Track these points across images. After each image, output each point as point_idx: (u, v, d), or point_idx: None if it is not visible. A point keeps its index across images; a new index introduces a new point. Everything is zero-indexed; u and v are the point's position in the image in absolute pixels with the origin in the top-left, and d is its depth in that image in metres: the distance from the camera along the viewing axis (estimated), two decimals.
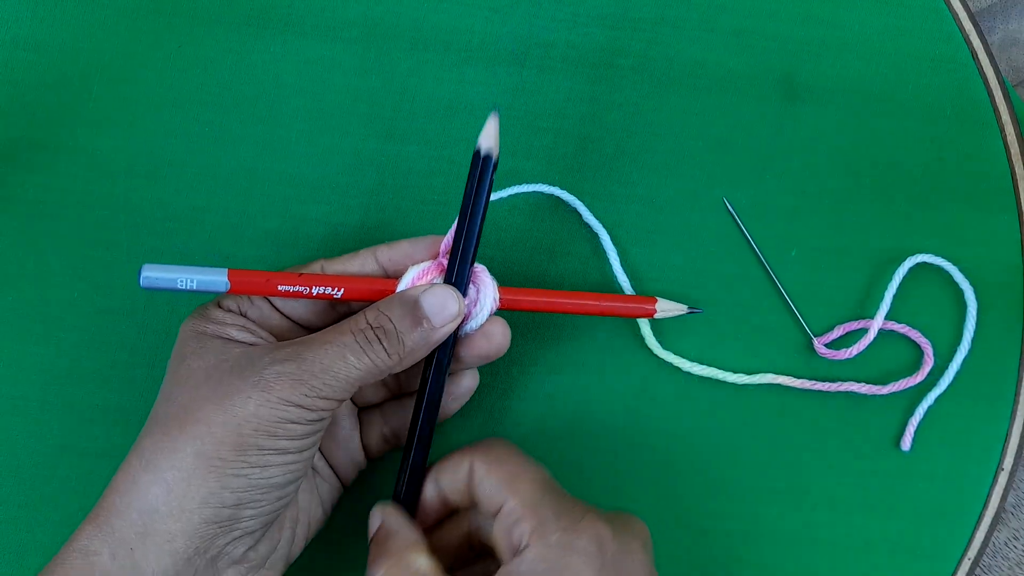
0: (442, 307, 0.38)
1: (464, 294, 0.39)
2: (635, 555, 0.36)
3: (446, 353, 0.40)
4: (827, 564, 0.46)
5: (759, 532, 0.46)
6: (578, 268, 0.47)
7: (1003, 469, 0.46)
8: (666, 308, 0.43)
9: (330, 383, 0.36)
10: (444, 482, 0.39)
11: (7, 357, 0.45)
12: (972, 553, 0.46)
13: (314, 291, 0.39)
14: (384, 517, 0.38)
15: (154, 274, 0.38)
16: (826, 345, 0.46)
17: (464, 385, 0.43)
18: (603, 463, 0.46)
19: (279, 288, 0.39)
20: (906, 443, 0.46)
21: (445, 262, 0.40)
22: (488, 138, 0.39)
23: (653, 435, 0.46)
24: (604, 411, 0.46)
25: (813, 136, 0.48)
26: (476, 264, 0.40)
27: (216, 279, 0.38)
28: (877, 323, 0.46)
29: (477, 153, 0.39)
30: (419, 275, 0.39)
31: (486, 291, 0.40)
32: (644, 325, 0.45)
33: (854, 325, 0.46)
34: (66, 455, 0.45)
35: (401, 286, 0.39)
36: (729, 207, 0.47)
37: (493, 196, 0.41)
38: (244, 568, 0.37)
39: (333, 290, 0.39)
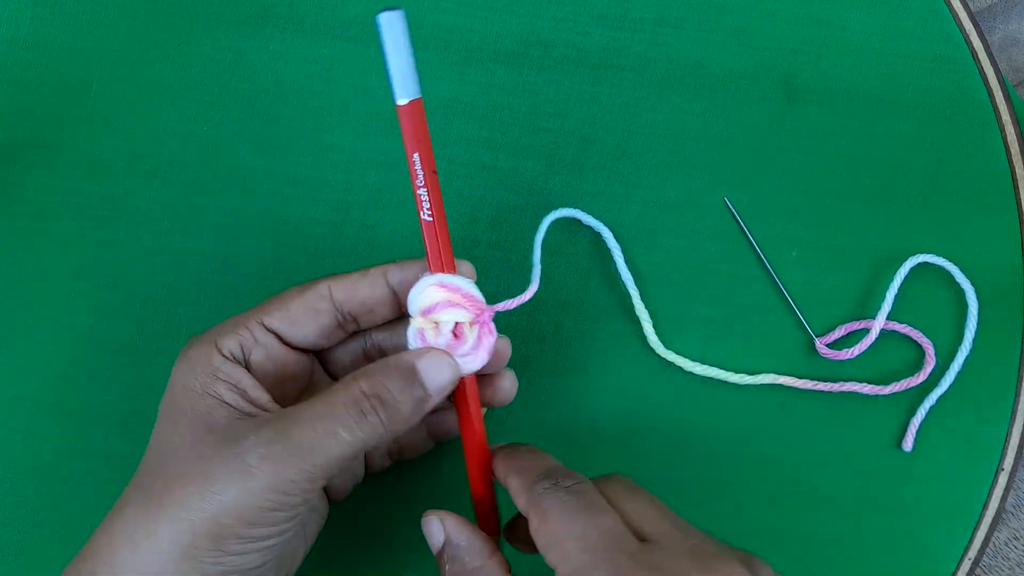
0: (439, 374, 0.36)
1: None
2: None
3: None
4: (828, 564, 0.46)
5: (760, 532, 0.46)
6: (579, 268, 0.46)
7: (1003, 469, 0.46)
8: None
9: (319, 464, 0.33)
10: (510, 491, 0.36)
11: (6, 357, 0.45)
12: (972, 553, 0.46)
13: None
14: (447, 532, 0.36)
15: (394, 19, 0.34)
16: (828, 345, 0.46)
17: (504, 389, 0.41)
18: (605, 463, 0.45)
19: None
20: (908, 443, 0.46)
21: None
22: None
23: (655, 435, 0.46)
24: (606, 411, 0.46)
25: (814, 136, 0.48)
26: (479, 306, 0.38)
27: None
28: (879, 323, 0.46)
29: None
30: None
31: (487, 340, 0.38)
32: (647, 324, 0.45)
33: (855, 325, 0.46)
34: (64, 456, 0.45)
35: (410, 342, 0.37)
36: (730, 207, 0.47)
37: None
38: None
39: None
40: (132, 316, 0.45)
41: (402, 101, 0.35)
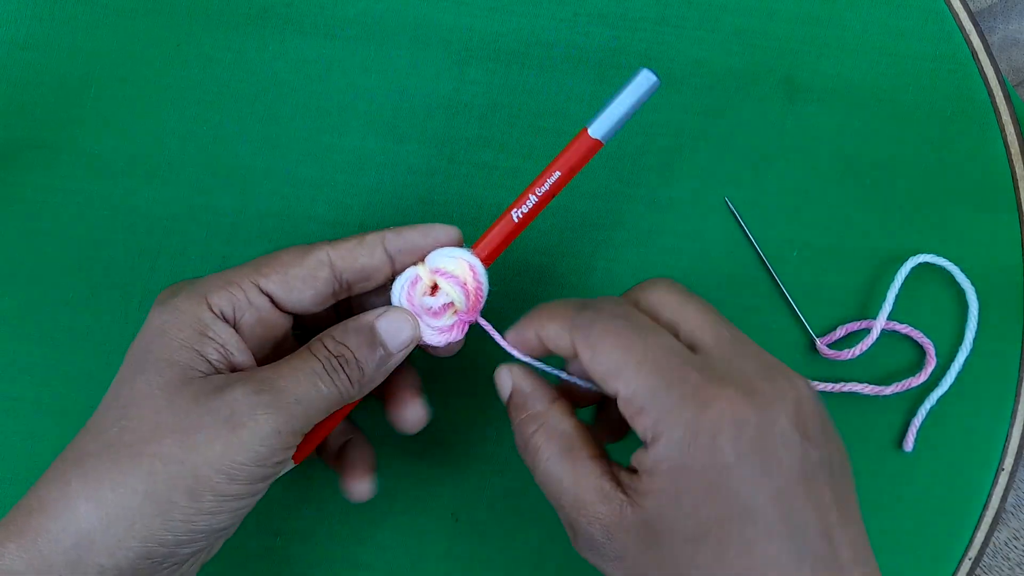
0: (398, 332, 0.37)
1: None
2: (783, 433, 0.31)
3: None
4: None
5: None
6: (579, 268, 0.46)
7: (1003, 469, 0.46)
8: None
9: (303, 414, 0.34)
10: (553, 349, 0.36)
11: (3, 357, 0.45)
12: (972, 553, 0.46)
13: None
14: (513, 381, 0.37)
15: (650, 81, 0.37)
16: (828, 346, 0.46)
17: (414, 416, 0.40)
18: None
19: None
20: (908, 444, 0.46)
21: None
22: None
23: None
24: None
25: (814, 136, 0.48)
26: (434, 256, 0.38)
27: None
28: (880, 323, 0.46)
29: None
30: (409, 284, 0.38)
31: (460, 276, 0.38)
32: None
33: (856, 325, 0.46)
34: None
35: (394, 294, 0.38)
36: (731, 207, 0.47)
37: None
38: None
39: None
40: (131, 316, 0.45)
41: (595, 135, 0.38)
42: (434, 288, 0.38)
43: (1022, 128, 0.48)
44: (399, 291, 0.38)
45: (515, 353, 0.37)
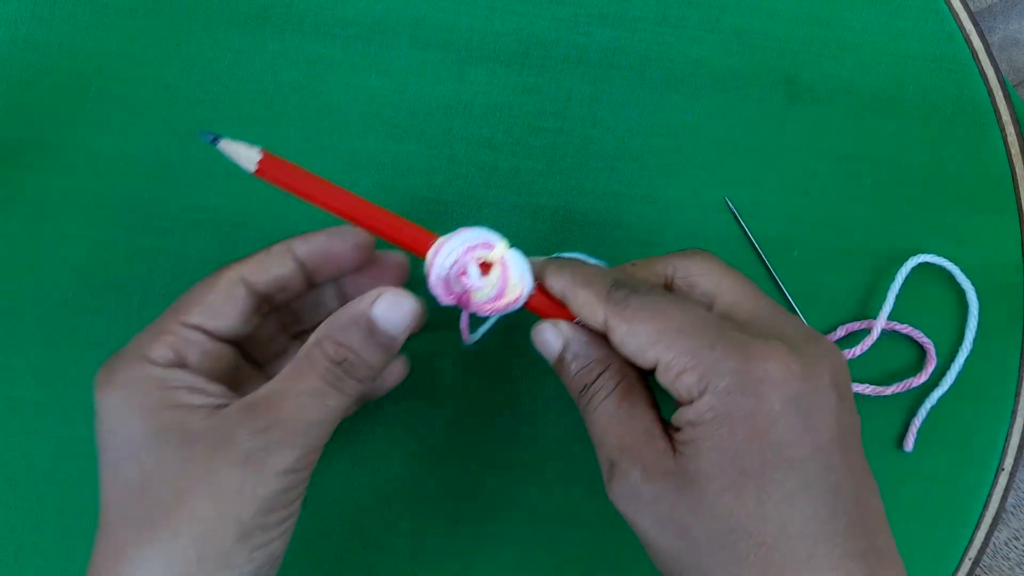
0: (397, 314, 0.36)
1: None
2: (823, 391, 0.32)
3: None
4: None
5: None
6: None
7: (1003, 469, 0.46)
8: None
9: (318, 435, 0.34)
10: (579, 308, 0.36)
11: (5, 358, 0.45)
12: (972, 553, 0.46)
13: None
14: (565, 335, 0.36)
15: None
16: None
17: (393, 375, 0.42)
18: None
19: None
20: (909, 444, 0.46)
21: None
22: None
23: None
24: None
25: (814, 136, 0.48)
26: (514, 251, 0.37)
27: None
28: (880, 323, 0.46)
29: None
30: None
31: (509, 287, 0.37)
32: None
33: (856, 325, 0.46)
34: (63, 457, 0.44)
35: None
36: (731, 206, 0.47)
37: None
38: None
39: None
40: (132, 317, 0.45)
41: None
42: (484, 268, 0.36)
43: (1022, 128, 0.48)
44: (461, 242, 0.36)
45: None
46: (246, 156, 0.35)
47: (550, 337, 0.37)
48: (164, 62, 0.46)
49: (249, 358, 0.39)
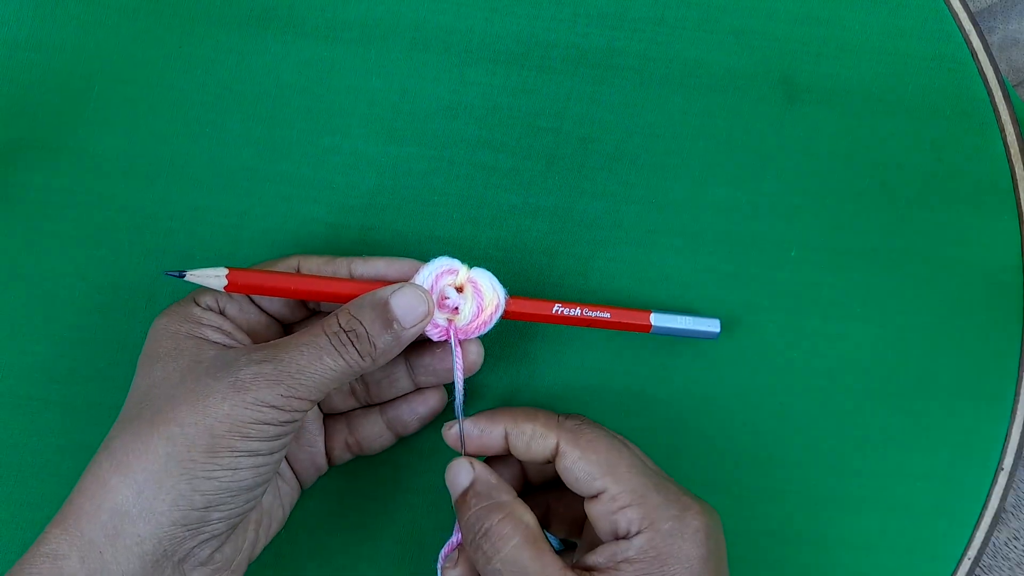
0: (412, 308, 0.38)
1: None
2: (722, 545, 0.37)
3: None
4: (828, 563, 0.46)
5: (760, 531, 0.46)
6: (578, 268, 0.47)
7: (1003, 469, 0.46)
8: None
9: (306, 384, 0.36)
10: (518, 447, 0.39)
11: (8, 356, 0.45)
12: (972, 553, 0.46)
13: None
14: (476, 472, 0.38)
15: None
16: None
17: (429, 404, 0.43)
18: None
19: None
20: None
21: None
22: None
23: (654, 435, 0.46)
24: (605, 413, 0.46)
25: (813, 136, 0.48)
26: (477, 269, 0.41)
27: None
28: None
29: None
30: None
31: (485, 297, 0.41)
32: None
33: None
34: (67, 454, 0.45)
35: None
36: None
37: None
38: (210, 570, 0.37)
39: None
40: (137, 316, 0.45)
41: (653, 322, 0.44)
42: (458, 291, 0.41)
43: (1022, 128, 0.48)
44: (430, 271, 0.40)
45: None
46: (215, 279, 0.39)
47: (461, 471, 0.39)
48: (166, 63, 0.47)
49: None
